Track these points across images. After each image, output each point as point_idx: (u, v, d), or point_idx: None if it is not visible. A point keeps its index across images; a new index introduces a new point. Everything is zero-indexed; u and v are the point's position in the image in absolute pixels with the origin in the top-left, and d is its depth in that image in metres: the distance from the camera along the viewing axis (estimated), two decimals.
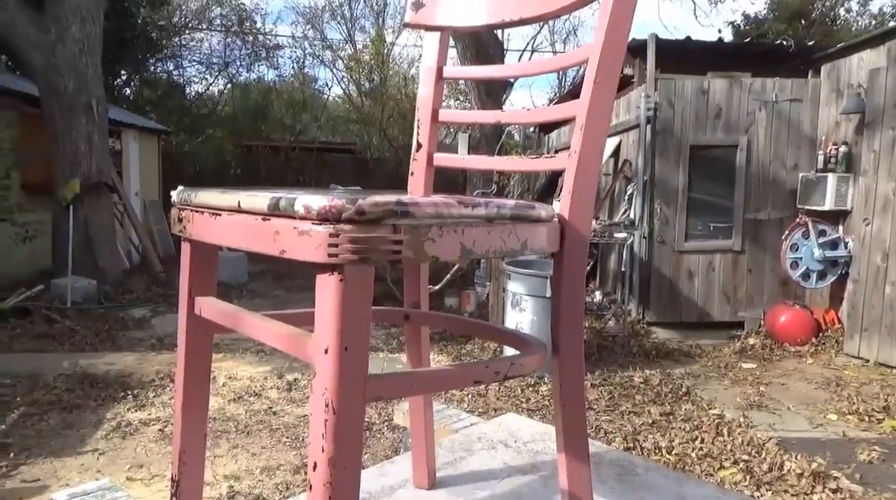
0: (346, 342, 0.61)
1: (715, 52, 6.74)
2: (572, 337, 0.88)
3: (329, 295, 0.62)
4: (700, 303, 5.86)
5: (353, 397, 0.63)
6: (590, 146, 0.84)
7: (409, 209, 0.61)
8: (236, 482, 2.86)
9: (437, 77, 1.10)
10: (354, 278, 0.61)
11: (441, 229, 0.66)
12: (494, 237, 0.73)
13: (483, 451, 1.41)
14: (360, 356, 0.63)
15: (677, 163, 5.72)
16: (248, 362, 4.71)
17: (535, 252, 0.80)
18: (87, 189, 6.74)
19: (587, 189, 0.85)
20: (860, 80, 5.27)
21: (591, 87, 0.83)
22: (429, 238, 0.65)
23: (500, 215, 0.72)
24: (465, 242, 0.69)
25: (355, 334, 0.62)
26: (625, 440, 3.37)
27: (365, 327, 0.63)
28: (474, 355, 5.00)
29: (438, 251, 0.66)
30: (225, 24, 17.48)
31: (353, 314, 0.62)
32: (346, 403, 0.62)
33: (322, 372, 0.63)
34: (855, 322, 5.06)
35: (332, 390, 0.62)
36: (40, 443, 3.21)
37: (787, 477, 2.95)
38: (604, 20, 0.83)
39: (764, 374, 4.70)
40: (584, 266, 0.89)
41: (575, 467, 0.92)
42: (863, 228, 5.05)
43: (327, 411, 0.62)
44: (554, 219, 0.83)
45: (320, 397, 0.63)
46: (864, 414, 3.82)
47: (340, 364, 0.62)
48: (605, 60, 0.83)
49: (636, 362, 4.86)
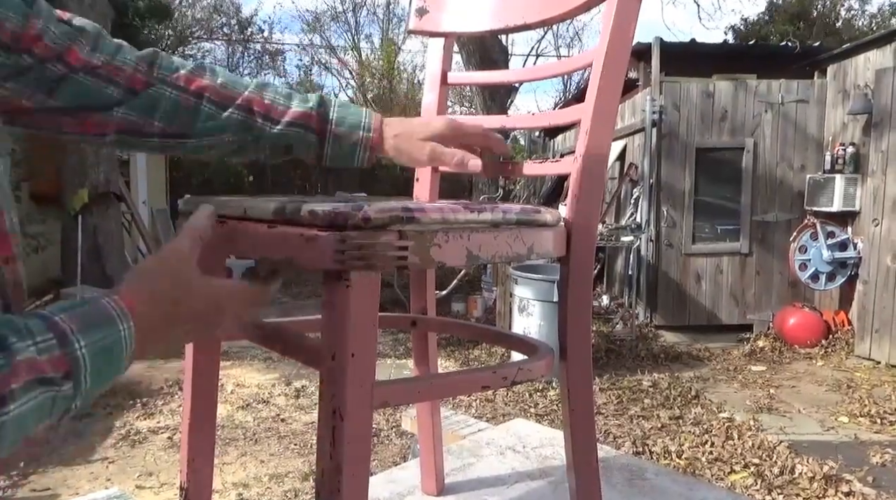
0: (352, 348, 0.61)
1: (719, 55, 6.73)
2: (580, 341, 0.88)
3: (335, 301, 0.62)
4: (708, 306, 5.83)
5: (360, 403, 0.63)
6: (595, 150, 0.84)
7: (414, 215, 0.62)
8: (245, 489, 2.86)
9: (441, 82, 1.10)
10: (361, 285, 0.61)
11: (447, 235, 0.66)
12: (500, 242, 0.72)
13: (491, 457, 1.41)
14: (367, 363, 0.63)
15: (683, 166, 5.71)
16: (257, 370, 4.72)
17: (542, 256, 0.80)
18: (95, 199, 6.79)
19: (593, 193, 0.85)
20: (867, 80, 5.25)
21: (596, 91, 0.83)
22: (434, 244, 0.64)
23: (505, 220, 0.72)
24: (472, 247, 0.68)
25: (362, 341, 0.62)
26: (634, 444, 3.35)
27: (372, 334, 0.63)
28: (482, 360, 4.99)
29: (444, 257, 0.66)
30: (228, 34, 17.60)
31: (359, 320, 0.61)
32: (354, 409, 0.62)
33: (329, 379, 0.63)
34: (865, 324, 5.02)
35: (340, 397, 0.61)
36: (50, 452, 3.22)
37: (799, 481, 2.92)
38: (608, 25, 0.83)
39: (774, 377, 4.67)
40: (590, 270, 0.89)
41: (584, 472, 0.92)
42: (872, 228, 5.01)
43: (335, 418, 0.62)
44: (560, 223, 0.82)
45: (328, 404, 0.62)
46: (876, 416, 3.78)
47: (347, 370, 0.61)
48: (609, 64, 0.83)
49: (644, 365, 4.84)
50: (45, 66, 0.65)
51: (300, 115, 0.79)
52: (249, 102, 0.77)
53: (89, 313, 0.49)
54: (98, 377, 0.48)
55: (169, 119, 0.74)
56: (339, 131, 0.80)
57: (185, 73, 0.75)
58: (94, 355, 0.47)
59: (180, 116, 0.74)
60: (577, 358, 0.88)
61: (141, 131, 0.73)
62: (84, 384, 0.47)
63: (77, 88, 0.68)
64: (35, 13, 0.63)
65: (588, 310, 0.89)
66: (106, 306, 0.50)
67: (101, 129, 0.72)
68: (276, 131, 0.78)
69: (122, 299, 0.51)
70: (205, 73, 0.76)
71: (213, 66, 0.79)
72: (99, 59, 0.69)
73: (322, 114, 0.80)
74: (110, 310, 0.50)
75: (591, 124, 0.83)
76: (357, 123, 0.81)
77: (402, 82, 17.43)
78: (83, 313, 0.49)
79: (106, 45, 0.71)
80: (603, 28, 0.84)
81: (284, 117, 0.78)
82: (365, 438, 0.64)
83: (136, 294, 0.53)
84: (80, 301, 0.50)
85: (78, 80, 0.68)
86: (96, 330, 0.48)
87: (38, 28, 0.63)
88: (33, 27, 0.63)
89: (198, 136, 0.76)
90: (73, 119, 0.70)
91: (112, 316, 0.50)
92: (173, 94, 0.73)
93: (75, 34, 0.67)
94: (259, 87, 0.79)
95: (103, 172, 6.93)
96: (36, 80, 0.65)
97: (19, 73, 0.64)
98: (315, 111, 0.80)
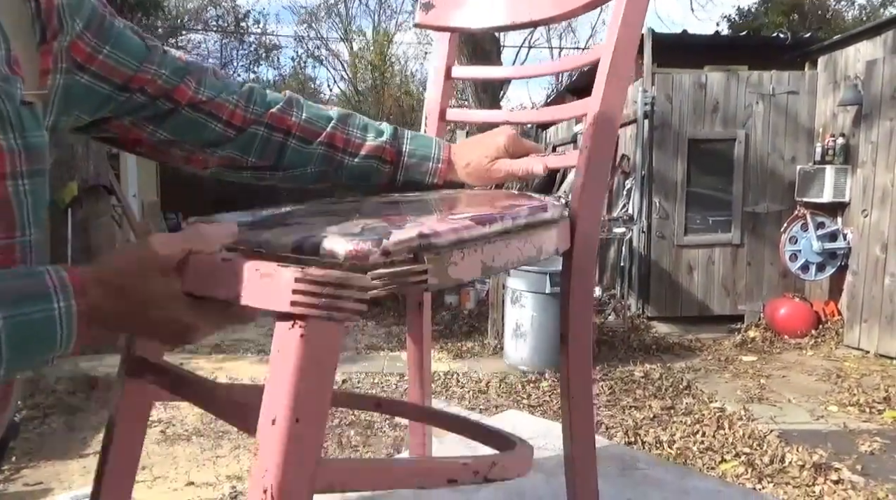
0: (298, 413, 0.51)
1: (712, 46, 6.73)
2: (581, 331, 0.88)
3: (284, 350, 0.52)
4: (700, 297, 5.87)
5: (298, 485, 0.52)
6: (600, 143, 0.85)
7: (431, 241, 0.61)
8: (239, 482, 2.86)
9: (445, 77, 1.11)
10: (318, 333, 0.52)
11: (462, 252, 0.65)
12: (512, 249, 0.72)
13: (484, 448, 1.41)
14: (313, 433, 0.53)
15: (675, 157, 5.72)
16: (250, 362, 4.72)
17: (550, 255, 0.81)
18: (84, 191, 6.74)
19: (597, 186, 0.86)
20: (857, 71, 5.27)
21: (603, 86, 0.84)
22: (451, 263, 0.64)
23: (515, 227, 0.72)
24: (486, 259, 0.68)
25: (312, 403, 0.52)
26: (626, 434, 3.38)
27: (325, 395, 0.54)
28: (475, 352, 5.01)
29: (461, 273, 0.65)
30: (221, 26, 17.45)
31: (313, 376, 0.52)
32: (289, 493, 0.51)
33: (264, 449, 0.52)
34: (854, 314, 5.07)
35: (273, 475, 0.51)
36: (42, 446, 3.21)
37: (789, 469, 2.95)
38: (616, 21, 0.84)
39: (764, 367, 4.71)
40: (593, 261, 0.90)
41: (581, 462, 0.92)
42: (861, 219, 5.05)
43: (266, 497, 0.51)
44: (564, 217, 0.83)
45: (258, 481, 0.52)
46: (865, 405, 3.82)
47: (288, 442, 0.51)
48: (616, 60, 0.84)
49: (636, 356, 4.87)
50: (156, 103, 0.74)
51: (375, 148, 0.88)
52: (331, 138, 0.86)
53: (21, 285, 0.48)
54: (18, 352, 0.46)
55: (260, 154, 0.83)
56: (410, 163, 0.89)
57: (276, 112, 0.83)
58: (13, 327, 0.46)
59: (270, 152, 0.83)
60: (578, 347, 0.88)
61: (237, 165, 0.83)
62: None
63: (183, 121, 0.77)
64: (150, 58, 0.73)
65: (590, 302, 0.90)
66: (44, 279, 0.48)
67: (204, 163, 0.82)
68: (355, 163, 0.87)
69: (70, 275, 0.49)
70: (293, 110, 0.84)
71: (301, 101, 0.86)
72: (204, 95, 0.78)
73: (396, 146, 0.89)
74: (47, 284, 0.48)
75: (596, 118, 0.84)
76: (427, 155, 0.90)
77: (394, 75, 17.34)
78: (15, 285, 0.48)
79: (211, 83, 0.79)
80: (611, 24, 0.85)
81: (362, 150, 0.87)
82: None
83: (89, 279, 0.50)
84: (22, 271, 0.50)
85: (184, 115, 0.76)
86: (25, 303, 0.47)
87: (152, 72, 0.73)
88: (147, 72, 0.72)
89: (284, 168, 0.85)
90: (181, 152, 0.80)
91: (47, 291, 0.48)
92: (265, 132, 0.82)
93: (184, 73, 0.76)
94: (340, 121, 0.87)
95: (93, 165, 6.87)
96: (150, 116, 0.75)
97: (135, 110, 0.73)
98: (388, 144, 0.88)
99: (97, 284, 0.51)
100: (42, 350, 0.49)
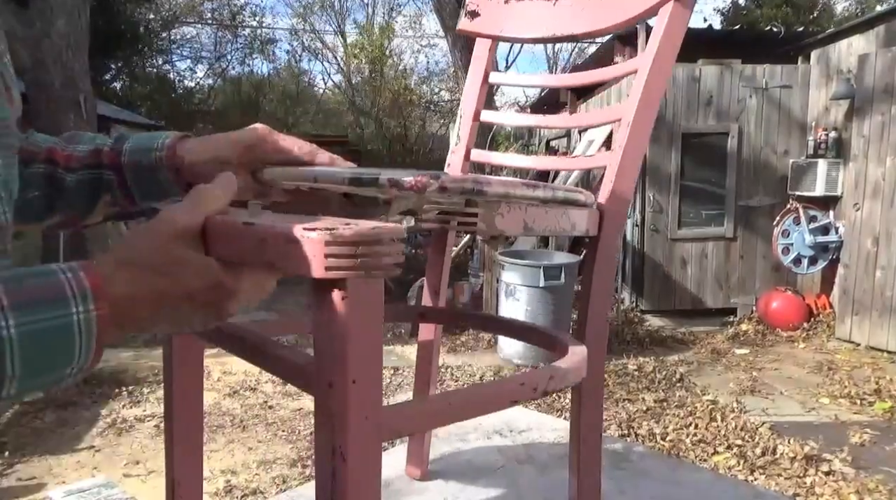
0: (353, 374, 0.50)
1: (705, 39, 6.72)
2: (598, 320, 0.92)
3: (328, 315, 0.52)
4: (693, 290, 5.89)
5: (366, 440, 0.52)
6: (634, 143, 0.93)
7: (483, 188, 0.63)
8: (233, 476, 2.86)
9: (483, 81, 1.16)
10: (361, 293, 0.51)
11: (508, 206, 0.71)
12: (550, 217, 0.78)
13: (478, 441, 1.42)
14: (372, 388, 0.53)
15: (669, 150, 5.73)
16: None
17: (580, 233, 0.87)
18: None
19: (628, 181, 0.93)
20: (850, 65, 5.28)
21: (640, 92, 0.92)
22: (498, 213, 0.69)
23: (554, 198, 0.77)
24: (528, 219, 0.74)
25: (366, 363, 0.51)
26: (619, 427, 3.39)
27: (378, 353, 0.54)
28: (469, 346, 5.01)
29: (505, 225, 0.71)
30: (216, 18, 17.33)
31: (362, 338, 0.51)
32: (359, 448, 0.52)
33: (325, 410, 0.53)
34: (846, 307, 5.10)
35: (341, 434, 0.52)
36: (36, 441, 3.20)
37: (781, 461, 2.98)
38: (657, 34, 0.91)
39: (757, 359, 4.74)
40: (615, 252, 0.96)
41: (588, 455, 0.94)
42: (853, 213, 5.07)
43: (335, 459, 0.52)
44: (594, 204, 0.88)
45: (326, 441, 0.53)
46: (856, 397, 3.85)
47: (349, 401, 0.51)
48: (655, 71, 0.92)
49: (630, 349, 4.88)
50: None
51: (93, 152, 0.73)
52: (51, 152, 0.72)
53: (36, 287, 0.42)
54: (33, 365, 0.41)
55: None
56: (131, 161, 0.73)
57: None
58: (27, 337, 0.40)
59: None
60: (595, 336, 0.91)
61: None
62: (8, 370, 0.40)
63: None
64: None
65: (610, 290, 0.95)
66: (61, 281, 0.43)
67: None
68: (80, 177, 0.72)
69: (87, 275, 0.43)
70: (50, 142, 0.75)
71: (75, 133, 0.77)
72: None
73: (117, 148, 0.73)
74: (64, 288, 0.42)
75: (633, 120, 0.92)
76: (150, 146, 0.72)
77: (391, 69, 17.26)
78: (29, 286, 0.42)
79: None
80: (652, 37, 0.92)
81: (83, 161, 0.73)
82: (372, 482, 0.55)
83: (111, 269, 0.45)
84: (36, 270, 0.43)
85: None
86: (41, 309, 0.41)
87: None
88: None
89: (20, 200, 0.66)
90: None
91: (64, 295, 0.42)
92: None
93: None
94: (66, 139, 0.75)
95: None
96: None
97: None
98: (108, 147, 0.73)
99: (123, 268, 0.45)
100: (59, 362, 0.43)
